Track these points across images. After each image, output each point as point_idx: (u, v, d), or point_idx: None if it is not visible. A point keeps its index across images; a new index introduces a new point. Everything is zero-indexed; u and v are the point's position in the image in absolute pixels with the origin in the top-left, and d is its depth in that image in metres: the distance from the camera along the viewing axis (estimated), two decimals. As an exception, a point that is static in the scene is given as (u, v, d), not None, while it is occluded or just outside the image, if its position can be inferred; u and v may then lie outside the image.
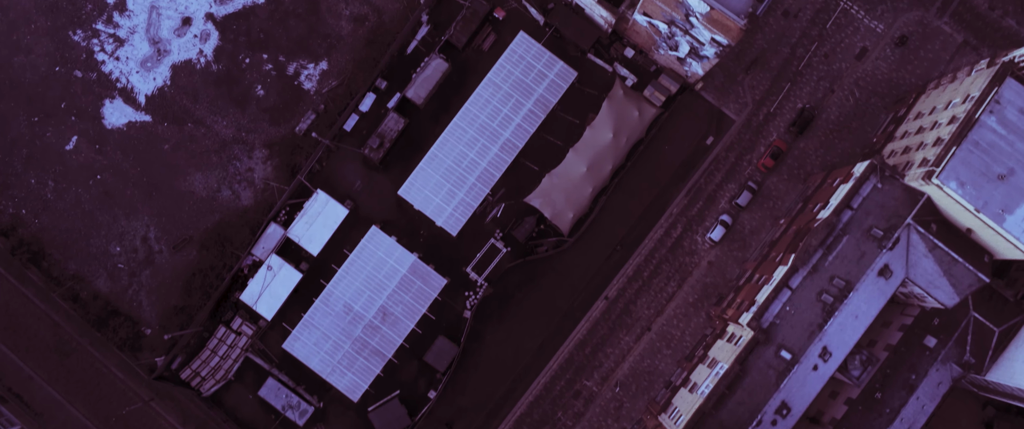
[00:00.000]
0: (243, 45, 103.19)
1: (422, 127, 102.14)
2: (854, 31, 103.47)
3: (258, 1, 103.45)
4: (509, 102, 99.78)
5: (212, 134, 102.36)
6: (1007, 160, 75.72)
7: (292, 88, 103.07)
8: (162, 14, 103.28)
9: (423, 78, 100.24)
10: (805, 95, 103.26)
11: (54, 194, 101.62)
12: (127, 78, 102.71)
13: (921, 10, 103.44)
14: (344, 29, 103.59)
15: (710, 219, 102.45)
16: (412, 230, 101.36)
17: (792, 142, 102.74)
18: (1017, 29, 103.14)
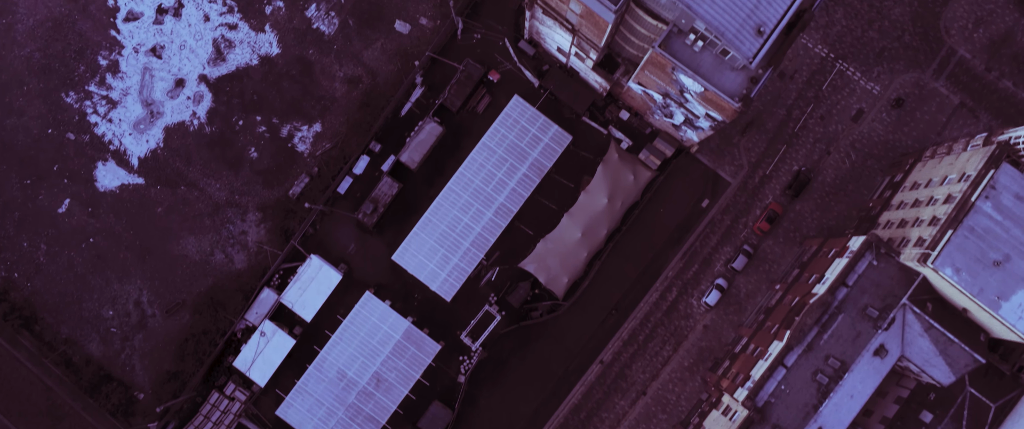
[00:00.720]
0: (237, 107, 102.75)
1: (416, 190, 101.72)
2: (850, 93, 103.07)
3: (252, 63, 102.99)
4: (504, 166, 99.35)
5: (205, 197, 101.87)
6: (1003, 246, 75.32)
7: (286, 150, 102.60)
8: (155, 76, 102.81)
9: (417, 142, 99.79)
10: (801, 157, 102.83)
11: (47, 257, 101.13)
12: (120, 140, 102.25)
13: (917, 72, 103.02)
14: (338, 91, 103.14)
15: (706, 283, 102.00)
16: (406, 293, 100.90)
17: (788, 205, 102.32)
18: (1014, 91, 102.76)
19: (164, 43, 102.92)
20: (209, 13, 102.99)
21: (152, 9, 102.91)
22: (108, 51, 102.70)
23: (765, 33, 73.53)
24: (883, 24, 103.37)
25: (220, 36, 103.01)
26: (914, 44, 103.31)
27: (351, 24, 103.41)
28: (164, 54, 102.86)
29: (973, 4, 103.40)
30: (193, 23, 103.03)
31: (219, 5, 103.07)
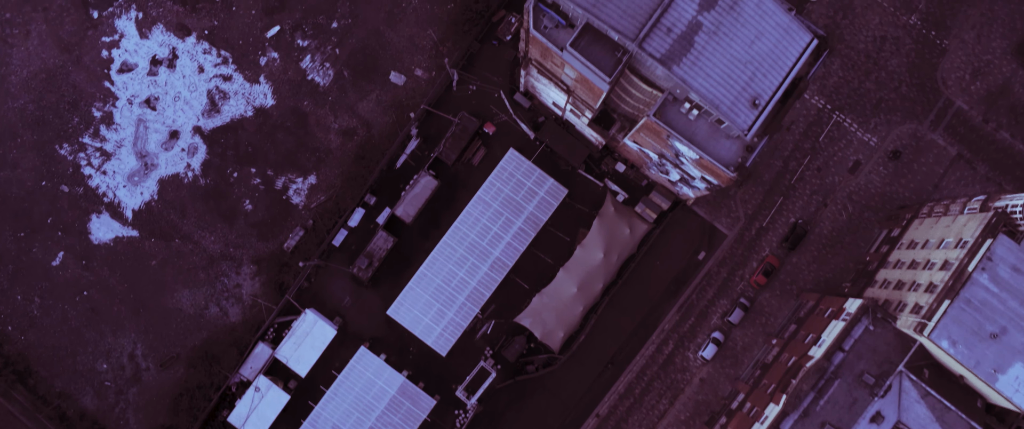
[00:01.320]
0: (231, 159, 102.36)
1: (412, 242, 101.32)
2: (847, 144, 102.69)
3: (246, 114, 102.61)
4: (499, 220, 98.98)
5: (200, 250, 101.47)
6: (999, 318, 74.95)
7: (280, 202, 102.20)
8: (149, 127, 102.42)
9: (412, 196, 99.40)
10: (798, 209, 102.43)
11: (40, 311, 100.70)
12: (114, 192, 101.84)
13: (914, 123, 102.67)
14: (333, 143, 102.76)
15: (702, 336, 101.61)
16: (402, 347, 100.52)
17: (785, 257, 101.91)
18: (1011, 142, 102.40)
19: (158, 94, 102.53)
20: (203, 64, 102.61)
21: (146, 60, 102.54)
22: (102, 103, 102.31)
23: (760, 105, 73.22)
24: (880, 75, 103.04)
25: (215, 87, 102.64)
26: (911, 95, 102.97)
27: (346, 75, 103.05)
28: (158, 106, 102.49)
29: (970, 55, 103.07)
30: (187, 74, 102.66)
31: (214, 56, 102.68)
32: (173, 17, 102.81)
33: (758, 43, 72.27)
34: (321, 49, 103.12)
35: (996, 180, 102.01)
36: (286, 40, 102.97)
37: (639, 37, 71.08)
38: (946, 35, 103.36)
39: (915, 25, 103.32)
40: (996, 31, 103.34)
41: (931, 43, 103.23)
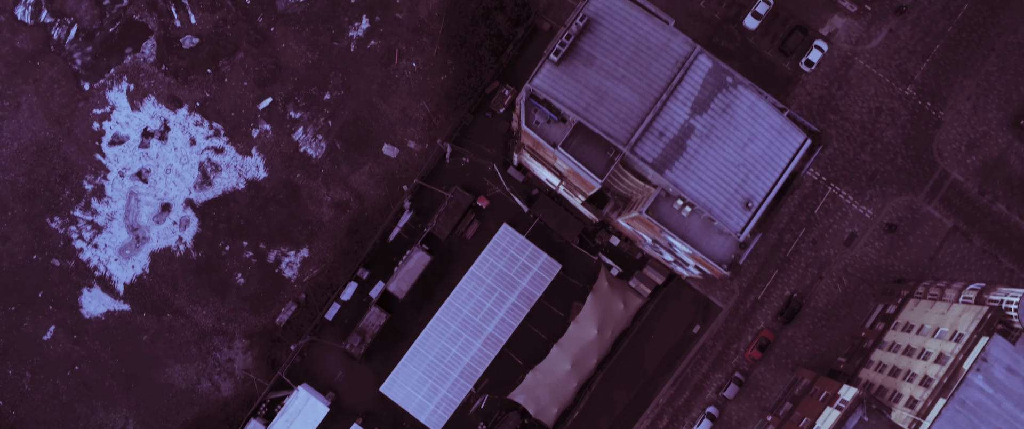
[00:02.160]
0: (223, 232, 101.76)
1: (405, 316, 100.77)
2: (842, 216, 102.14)
3: (239, 187, 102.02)
4: (492, 296, 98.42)
5: (191, 324, 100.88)
6: (994, 420, 74.46)
7: (273, 276, 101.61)
8: (141, 200, 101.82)
9: (405, 272, 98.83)
10: (793, 282, 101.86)
11: (31, 386, 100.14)
12: (105, 266, 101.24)
13: (910, 195, 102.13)
14: (326, 216, 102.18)
15: (697, 410, 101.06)
16: (395, 423, 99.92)
17: (780, 331, 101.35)
18: (1007, 214, 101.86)
19: (150, 167, 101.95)
20: (195, 136, 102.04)
21: (138, 132, 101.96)
22: (93, 175, 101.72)
23: (753, 207, 72.72)
24: (875, 147, 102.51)
25: (206, 160, 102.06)
26: (907, 167, 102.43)
27: (339, 148, 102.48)
28: (150, 178, 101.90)
29: (966, 127, 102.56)
30: (179, 147, 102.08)
31: (206, 128, 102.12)
32: (165, 89, 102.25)
33: (751, 145, 71.79)
34: (314, 121, 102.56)
35: (992, 252, 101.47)
36: (278, 112, 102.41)
37: (631, 142, 70.57)
38: (942, 106, 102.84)
39: (911, 96, 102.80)
40: (992, 102, 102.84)
41: (927, 114, 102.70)
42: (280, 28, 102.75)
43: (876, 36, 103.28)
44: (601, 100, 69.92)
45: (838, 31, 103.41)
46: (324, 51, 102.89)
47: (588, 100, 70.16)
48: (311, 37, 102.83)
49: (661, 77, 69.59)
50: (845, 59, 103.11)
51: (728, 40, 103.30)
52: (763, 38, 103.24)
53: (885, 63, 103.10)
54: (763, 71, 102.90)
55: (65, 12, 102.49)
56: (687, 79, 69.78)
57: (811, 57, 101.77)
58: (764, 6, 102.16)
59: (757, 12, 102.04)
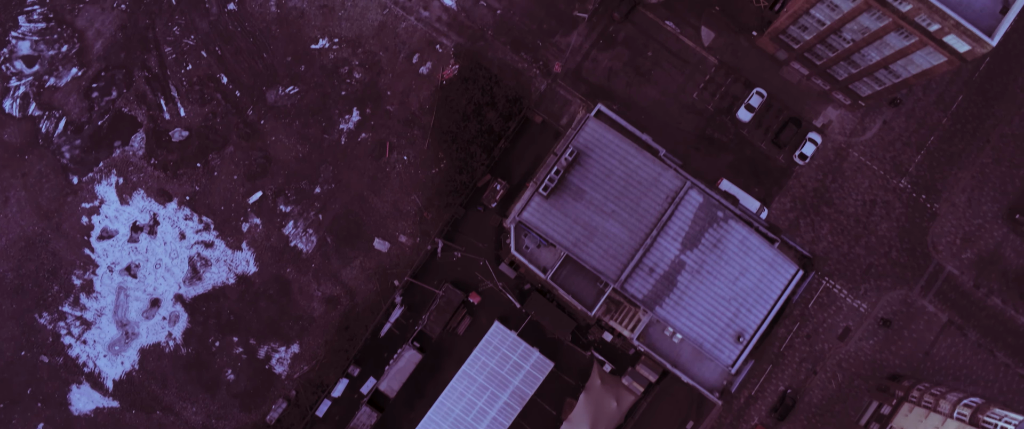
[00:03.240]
0: (213, 327, 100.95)
1: (396, 414, 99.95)
2: (837, 311, 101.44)
3: (228, 282, 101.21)
4: (484, 395, 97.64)
5: (181, 421, 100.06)
6: None
7: (263, 373, 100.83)
8: (130, 296, 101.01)
9: (396, 370, 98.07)
10: (787, 377, 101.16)
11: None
12: (94, 362, 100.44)
13: (905, 289, 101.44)
14: (316, 311, 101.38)
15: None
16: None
17: (774, 427, 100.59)
18: (1002, 308, 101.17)
19: (139, 262, 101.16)
20: (185, 231, 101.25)
21: (127, 227, 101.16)
22: (82, 270, 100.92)
23: (745, 340, 71.99)
24: (870, 240, 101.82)
25: (196, 254, 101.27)
26: (901, 260, 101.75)
27: (329, 242, 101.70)
28: (139, 273, 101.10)
29: (961, 220, 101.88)
30: (169, 241, 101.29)
31: (195, 222, 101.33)
32: (154, 183, 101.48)
33: (742, 279, 71.09)
34: (304, 215, 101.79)
35: (988, 347, 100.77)
36: (268, 206, 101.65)
37: (621, 279, 69.83)
38: (937, 198, 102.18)
39: (905, 189, 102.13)
40: (987, 194, 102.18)
41: (921, 207, 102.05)
42: (270, 121, 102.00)
43: (870, 128, 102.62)
44: (591, 236, 69.19)
45: (832, 123, 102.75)
46: (314, 144, 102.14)
47: (578, 235, 69.44)
48: (301, 130, 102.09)
49: (651, 212, 68.88)
50: (839, 151, 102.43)
51: (721, 132, 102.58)
52: (756, 130, 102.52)
53: (879, 155, 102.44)
54: (756, 163, 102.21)
55: (53, 105, 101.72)
56: (678, 214, 69.08)
57: (805, 150, 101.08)
58: (758, 99, 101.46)
59: (750, 105, 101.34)
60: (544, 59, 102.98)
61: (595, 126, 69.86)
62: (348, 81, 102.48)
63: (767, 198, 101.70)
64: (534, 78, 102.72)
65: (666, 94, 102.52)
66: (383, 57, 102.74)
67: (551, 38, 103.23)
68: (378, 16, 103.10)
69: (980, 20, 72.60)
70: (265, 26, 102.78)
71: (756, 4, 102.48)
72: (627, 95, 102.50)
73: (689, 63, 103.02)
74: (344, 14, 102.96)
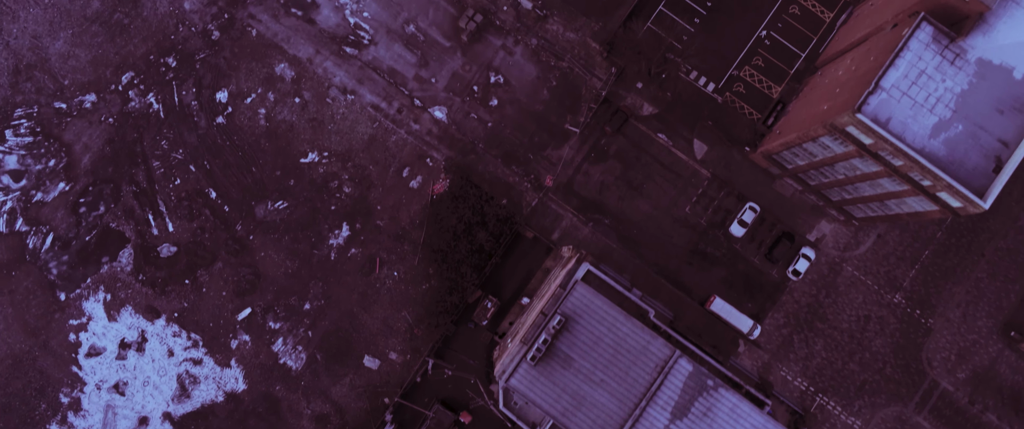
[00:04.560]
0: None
1: None
2: (830, 428, 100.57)
3: (217, 400, 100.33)
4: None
5: None
6: None
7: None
8: (118, 414, 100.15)
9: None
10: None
11: None
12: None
13: (899, 405, 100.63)
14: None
15: None
16: None
17: None
18: (998, 425, 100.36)
19: (127, 379, 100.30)
20: (173, 348, 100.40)
21: (115, 344, 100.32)
22: (70, 388, 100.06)
23: (735, 507, 71.12)
24: (864, 356, 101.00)
25: (185, 371, 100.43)
26: (896, 377, 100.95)
27: (319, 359, 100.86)
28: (127, 391, 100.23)
29: (956, 335, 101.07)
30: (157, 358, 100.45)
31: (184, 339, 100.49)
32: (142, 299, 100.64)
33: (732, 446, 70.22)
34: (293, 332, 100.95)
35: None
36: (258, 322, 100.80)
37: (609, 451, 69.05)
38: (931, 314, 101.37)
39: (900, 304, 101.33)
40: (982, 309, 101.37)
41: (916, 322, 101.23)
42: (259, 236, 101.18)
43: (864, 242, 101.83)
44: (579, 405, 68.40)
45: (826, 237, 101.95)
46: (304, 260, 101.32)
47: (566, 404, 68.64)
48: (291, 245, 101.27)
49: (641, 382, 68.09)
50: (833, 265, 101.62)
51: (714, 246, 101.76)
52: (750, 244, 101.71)
53: (873, 270, 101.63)
54: (750, 278, 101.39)
55: (41, 220, 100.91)
56: (667, 384, 68.27)
57: (798, 267, 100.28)
58: (751, 214, 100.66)
59: (743, 220, 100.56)
60: (535, 172, 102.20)
61: (583, 291, 69.12)
62: (338, 195, 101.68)
63: (760, 314, 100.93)
64: (525, 191, 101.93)
65: (659, 208, 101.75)
66: (373, 171, 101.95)
67: (542, 151, 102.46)
68: (368, 129, 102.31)
69: (972, 180, 71.82)
70: (254, 139, 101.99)
71: (749, 117, 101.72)
72: (619, 209, 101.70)
73: (682, 176, 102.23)
74: (334, 127, 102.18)
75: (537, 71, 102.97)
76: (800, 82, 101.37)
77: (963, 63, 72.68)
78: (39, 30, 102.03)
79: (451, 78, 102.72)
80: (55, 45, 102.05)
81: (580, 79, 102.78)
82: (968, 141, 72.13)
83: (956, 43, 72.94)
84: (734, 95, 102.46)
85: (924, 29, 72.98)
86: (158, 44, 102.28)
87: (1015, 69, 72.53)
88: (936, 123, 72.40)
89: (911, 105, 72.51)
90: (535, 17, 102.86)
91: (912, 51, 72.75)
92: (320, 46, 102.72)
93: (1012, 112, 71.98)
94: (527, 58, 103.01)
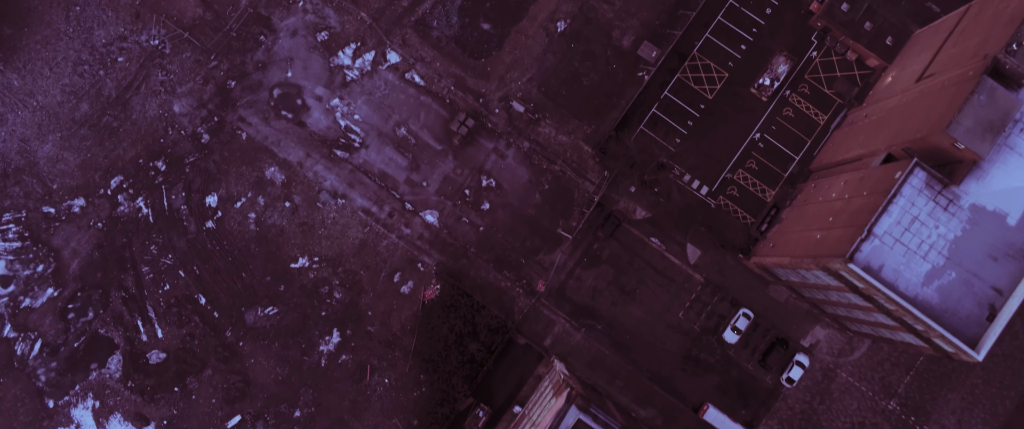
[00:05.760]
0: None
1: None
2: None
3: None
4: None
5: None
6: None
7: None
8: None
9: None
10: None
11: None
12: None
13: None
14: None
15: None
16: None
17: None
18: None
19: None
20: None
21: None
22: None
23: None
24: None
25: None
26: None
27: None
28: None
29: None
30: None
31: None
32: (131, 406, 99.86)
33: None
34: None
35: None
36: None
37: None
38: (926, 420, 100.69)
39: (894, 410, 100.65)
40: (977, 416, 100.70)
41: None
42: (249, 343, 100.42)
43: (859, 347, 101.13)
44: None
45: (820, 342, 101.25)
46: (294, 366, 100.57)
47: None
48: (281, 352, 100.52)
49: None
50: (827, 372, 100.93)
51: (708, 353, 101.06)
52: (743, 350, 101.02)
53: (868, 376, 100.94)
54: (743, 385, 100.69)
55: (29, 326, 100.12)
56: None
57: (792, 374, 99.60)
58: (744, 321, 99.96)
59: (737, 327, 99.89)
60: (528, 277, 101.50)
61: (573, 445, 68.36)
62: (328, 301, 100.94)
63: (754, 421, 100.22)
64: (517, 297, 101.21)
65: (652, 313, 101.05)
66: (364, 276, 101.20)
67: (535, 256, 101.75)
68: (359, 234, 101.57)
69: (966, 328, 71.16)
70: (244, 245, 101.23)
71: (743, 222, 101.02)
72: (612, 314, 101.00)
73: (675, 281, 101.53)
74: (324, 232, 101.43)
75: (529, 174, 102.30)
76: (794, 186, 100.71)
77: (956, 209, 72.00)
78: (28, 133, 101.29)
79: (443, 181, 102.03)
80: (44, 148, 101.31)
81: (573, 182, 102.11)
82: (962, 289, 71.44)
83: (949, 189, 72.25)
84: (728, 198, 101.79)
85: (917, 174, 72.33)
86: (148, 147, 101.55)
87: (1009, 215, 71.85)
88: (929, 270, 71.73)
89: (904, 252, 71.82)
90: (527, 120, 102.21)
91: (905, 197, 72.07)
92: (310, 149, 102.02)
93: (1006, 259, 71.30)
94: (519, 161, 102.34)
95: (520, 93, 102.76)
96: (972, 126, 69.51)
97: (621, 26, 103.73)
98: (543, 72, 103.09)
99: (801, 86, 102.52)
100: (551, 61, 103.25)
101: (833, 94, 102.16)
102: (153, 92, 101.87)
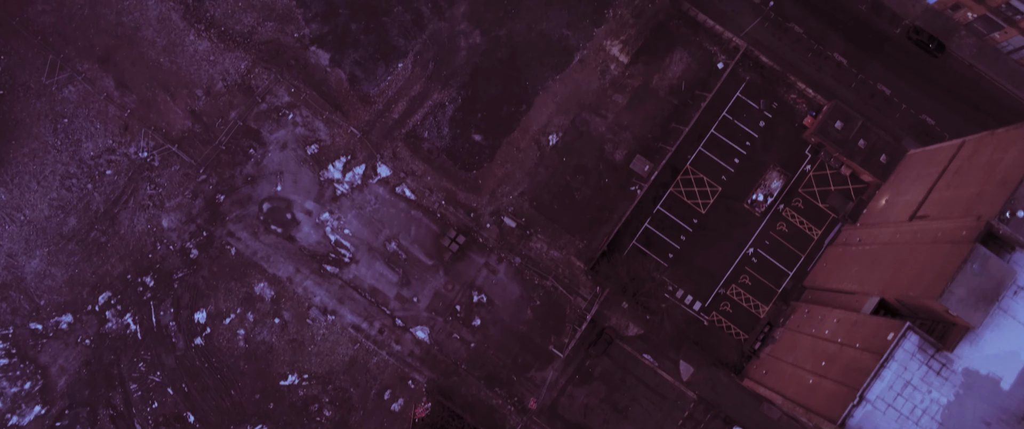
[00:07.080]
0: None
1: None
2: None
3: None
4: None
5: None
6: None
7: None
8: None
9: None
10: None
11: None
12: None
13: None
14: None
15: None
16: None
17: None
18: None
19: None
20: None
21: None
22: None
23: None
24: None
25: None
26: None
27: None
28: None
29: None
30: None
31: None
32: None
33: None
34: None
35: None
36: None
37: None
38: None
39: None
40: None
41: None
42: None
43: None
44: None
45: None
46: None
47: None
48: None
49: None
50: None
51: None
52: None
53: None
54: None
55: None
56: None
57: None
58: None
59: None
60: (519, 395, 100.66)
61: None
62: (318, 419, 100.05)
63: None
64: (509, 415, 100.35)
65: None
66: (354, 393, 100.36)
67: (526, 372, 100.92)
68: (349, 351, 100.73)
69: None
70: (233, 361, 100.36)
71: (736, 338, 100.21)
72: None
73: (668, 399, 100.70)
74: (314, 349, 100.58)
75: (521, 290, 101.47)
76: (787, 304, 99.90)
77: (949, 373, 71.22)
78: (15, 248, 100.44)
79: (433, 297, 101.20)
80: (31, 264, 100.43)
81: (564, 298, 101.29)
82: (955, 455, 70.61)
83: (942, 353, 71.46)
84: (721, 314, 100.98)
85: (910, 338, 71.54)
86: (136, 263, 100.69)
87: (1002, 379, 71.06)
88: (922, 437, 70.89)
89: (896, 417, 71.03)
90: (519, 235, 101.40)
91: (898, 361, 71.30)
92: (300, 264, 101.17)
93: (999, 425, 70.49)
94: (510, 277, 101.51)
95: (512, 207, 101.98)
96: (965, 296, 68.76)
97: (613, 140, 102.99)
98: (535, 186, 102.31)
99: (795, 200, 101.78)
100: (543, 175, 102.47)
101: (827, 208, 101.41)
102: (142, 206, 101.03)
